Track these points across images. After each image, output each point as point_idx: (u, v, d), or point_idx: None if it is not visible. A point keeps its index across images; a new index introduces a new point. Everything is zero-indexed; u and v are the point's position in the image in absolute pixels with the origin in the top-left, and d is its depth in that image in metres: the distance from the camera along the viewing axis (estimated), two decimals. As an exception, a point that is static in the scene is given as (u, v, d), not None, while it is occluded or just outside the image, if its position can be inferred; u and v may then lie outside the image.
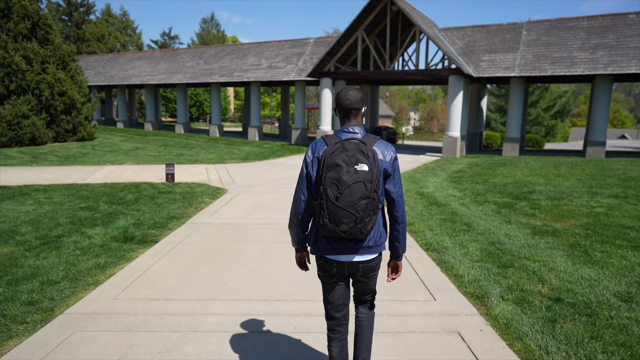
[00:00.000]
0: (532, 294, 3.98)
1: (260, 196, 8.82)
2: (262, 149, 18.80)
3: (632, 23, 16.16)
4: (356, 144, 2.15)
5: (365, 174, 2.07)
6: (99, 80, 30.01)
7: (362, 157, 2.10)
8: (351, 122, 2.30)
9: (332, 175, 2.09)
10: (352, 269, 2.30)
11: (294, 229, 2.35)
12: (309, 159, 2.28)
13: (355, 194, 2.06)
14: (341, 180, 2.06)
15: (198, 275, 4.51)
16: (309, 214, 2.31)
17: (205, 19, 62.06)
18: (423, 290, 4.20)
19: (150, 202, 7.94)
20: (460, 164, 14.40)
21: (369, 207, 2.08)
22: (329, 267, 2.31)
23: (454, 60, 16.34)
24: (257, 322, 3.50)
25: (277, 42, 24.79)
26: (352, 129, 2.26)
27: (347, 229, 2.08)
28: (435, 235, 5.94)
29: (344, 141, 2.18)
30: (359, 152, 2.12)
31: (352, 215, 2.06)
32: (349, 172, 2.07)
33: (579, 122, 75.07)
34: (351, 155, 2.10)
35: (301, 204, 2.29)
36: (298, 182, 2.33)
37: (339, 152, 2.13)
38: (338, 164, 2.09)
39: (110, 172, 11.77)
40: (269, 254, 5.22)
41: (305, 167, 2.29)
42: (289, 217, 2.38)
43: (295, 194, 2.33)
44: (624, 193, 8.47)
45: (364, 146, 2.15)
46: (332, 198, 2.07)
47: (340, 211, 2.06)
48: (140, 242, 5.59)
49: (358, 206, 2.06)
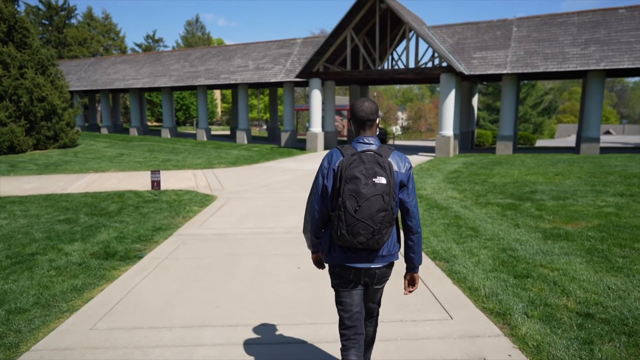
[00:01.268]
0: (558, 308, 3.61)
1: (251, 202, 8.38)
2: (251, 153, 18.32)
3: (623, 18, 16.05)
4: (373, 155, 2.17)
5: (383, 187, 2.10)
6: (81, 85, 29.21)
7: (380, 170, 2.12)
8: (366, 133, 2.32)
9: (351, 187, 2.10)
10: (369, 276, 2.31)
11: (309, 234, 2.41)
12: (325, 170, 2.29)
13: (374, 206, 2.08)
14: (360, 193, 2.08)
15: (187, 296, 4.06)
16: (322, 222, 2.35)
17: (190, 22, 61.23)
18: (437, 307, 3.81)
19: (135, 213, 7.45)
20: (455, 163, 14.11)
21: (386, 219, 2.12)
22: (346, 274, 2.31)
23: (445, 58, 16.06)
24: (256, 352, 3.07)
25: (264, 43, 24.32)
26: (368, 140, 2.29)
27: (364, 240, 2.12)
28: (441, 242, 5.56)
29: (360, 153, 2.19)
30: (376, 165, 2.13)
31: (369, 227, 2.10)
32: (367, 185, 2.09)
33: (564, 119, 75.90)
34: (369, 168, 2.12)
35: (315, 213, 2.32)
36: (312, 191, 2.34)
37: (356, 165, 2.14)
38: (356, 176, 2.10)
39: (93, 180, 11.21)
40: (265, 268, 4.79)
41: (321, 178, 2.30)
42: (303, 223, 2.43)
43: (309, 202, 2.36)
44: (629, 191, 8.21)
45: (381, 158, 2.16)
46: (350, 210, 2.09)
47: (358, 223, 2.09)
48: (122, 258, 5.11)
49: (376, 218, 2.09)
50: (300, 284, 4.36)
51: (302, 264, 4.90)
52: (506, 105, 17.24)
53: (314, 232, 2.37)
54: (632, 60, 14.72)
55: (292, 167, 13.88)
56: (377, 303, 2.50)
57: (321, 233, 2.40)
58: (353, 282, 2.32)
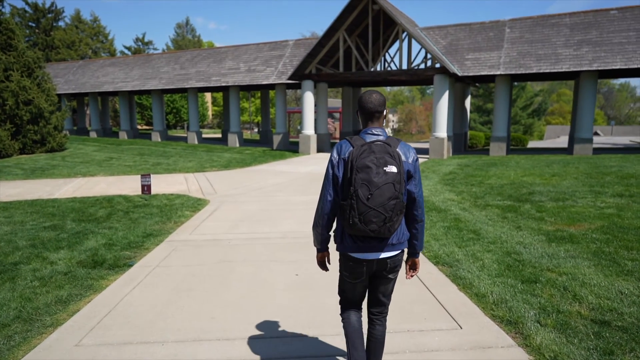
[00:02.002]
0: (572, 315, 3.45)
1: (245, 206, 8.15)
2: (243, 156, 18.07)
3: (614, 19, 16.11)
4: (383, 145, 2.20)
5: (394, 175, 2.15)
6: (69, 88, 28.73)
7: (390, 159, 2.17)
8: (374, 125, 2.36)
9: (363, 176, 2.14)
10: (380, 266, 2.35)
11: (319, 229, 2.40)
12: (335, 160, 2.32)
13: (385, 194, 2.13)
14: (372, 181, 2.13)
15: (180, 307, 3.83)
16: (334, 213, 2.37)
17: (180, 24, 60.77)
18: (444, 315, 3.63)
19: (124, 218, 7.18)
20: (450, 165, 14.00)
21: (397, 207, 2.17)
22: (358, 268, 2.35)
23: (438, 59, 15.98)
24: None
25: (255, 45, 24.11)
26: (376, 131, 2.32)
27: (376, 228, 2.16)
28: (443, 246, 5.39)
29: (370, 143, 2.22)
30: (386, 154, 2.17)
31: (381, 215, 2.14)
32: (378, 174, 2.13)
33: (553, 120, 76.64)
34: (380, 157, 2.16)
35: (327, 204, 2.33)
36: (324, 183, 2.36)
37: (367, 154, 2.17)
38: (368, 165, 2.14)
39: (81, 185, 10.89)
40: (261, 275, 4.57)
41: (331, 168, 2.32)
42: (314, 218, 2.42)
43: (322, 194, 2.37)
44: (628, 192, 8.12)
45: (390, 148, 2.20)
46: (363, 199, 2.13)
47: (370, 211, 2.13)
48: (111, 266, 4.86)
49: (387, 206, 2.14)
50: (300, 292, 4.15)
51: (300, 271, 4.69)
52: (500, 107, 17.21)
53: (325, 225, 2.37)
54: (625, 61, 14.76)
55: (285, 170, 13.67)
56: (387, 296, 2.50)
57: (332, 226, 2.41)
58: (364, 275, 2.37)
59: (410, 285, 4.27)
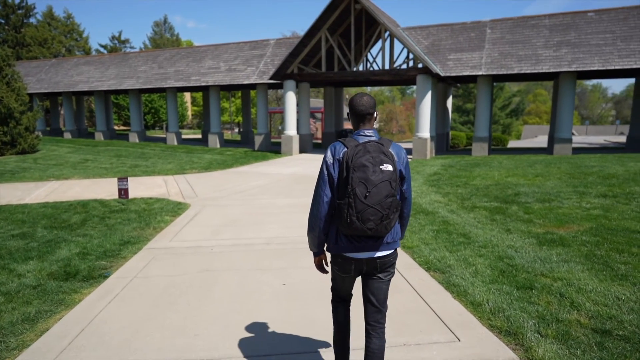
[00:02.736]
0: (571, 324, 3.34)
1: (228, 210, 7.88)
2: (224, 157, 17.71)
3: (592, 21, 16.38)
4: (377, 145, 2.25)
5: (390, 173, 2.19)
6: (42, 87, 27.75)
7: (385, 158, 2.21)
8: (365, 126, 2.40)
9: (359, 175, 2.17)
10: (370, 266, 2.37)
11: (316, 232, 2.38)
12: (330, 160, 2.34)
13: (382, 192, 2.16)
14: (369, 179, 2.16)
15: (160, 322, 3.57)
16: (330, 214, 2.36)
17: (157, 22, 59.53)
18: (440, 326, 3.47)
19: (100, 224, 6.83)
20: (434, 165, 13.97)
21: (394, 205, 2.21)
22: (347, 266, 2.38)
23: (421, 59, 15.95)
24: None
25: (235, 44, 23.71)
26: (368, 133, 2.37)
27: (373, 226, 2.18)
28: (433, 251, 5.25)
29: (364, 143, 2.26)
30: (381, 154, 2.22)
31: (379, 213, 2.17)
32: (375, 172, 2.17)
33: (530, 120, 78.20)
34: (375, 156, 2.20)
35: (324, 205, 2.33)
36: (319, 184, 2.36)
37: (362, 154, 2.21)
38: (364, 164, 2.18)
39: (54, 188, 10.41)
40: (248, 286, 4.34)
41: (326, 169, 2.34)
42: (309, 221, 2.41)
43: (317, 195, 2.36)
44: (611, 192, 8.17)
45: (384, 147, 2.26)
46: (360, 197, 2.15)
47: (368, 209, 2.16)
48: (85, 278, 4.56)
49: (384, 204, 2.17)
50: (289, 303, 3.94)
51: (288, 280, 4.48)
52: (481, 107, 17.30)
53: (322, 226, 2.36)
54: (602, 62, 15.00)
55: (268, 172, 13.41)
56: (381, 302, 2.45)
57: (328, 228, 2.39)
58: (353, 271, 2.40)
59: (403, 293, 4.10)
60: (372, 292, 2.43)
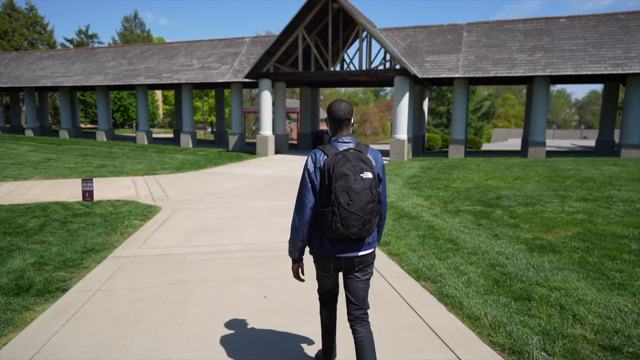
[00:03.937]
0: (578, 340, 3.12)
1: (201, 214, 7.43)
2: (197, 157, 17.10)
3: (564, 27, 16.68)
4: (356, 153, 2.32)
5: (370, 180, 2.28)
6: (1, 82, 26.27)
7: (365, 166, 2.30)
8: (343, 132, 2.48)
9: (342, 184, 2.24)
10: (349, 264, 2.45)
11: (300, 237, 2.42)
12: (311, 168, 2.39)
13: (364, 199, 2.25)
14: (351, 188, 2.24)
15: (125, 346, 3.15)
16: (313, 219, 2.41)
17: (127, 18, 57.57)
18: (438, 344, 3.19)
19: (61, 230, 6.27)
20: (412, 167, 13.84)
21: (375, 209, 2.31)
22: (326, 264, 2.47)
23: (399, 61, 15.84)
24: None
25: (209, 42, 23.06)
26: (346, 139, 2.44)
27: (356, 231, 2.28)
28: (422, 259, 5.00)
29: (344, 152, 2.33)
30: (361, 162, 2.30)
31: (361, 218, 2.26)
32: (356, 181, 2.24)
33: (499, 124, 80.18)
34: (356, 165, 2.28)
35: (308, 211, 2.39)
36: (302, 191, 2.41)
37: (343, 162, 2.28)
38: (346, 173, 2.25)
39: (11, 190, 9.66)
40: (224, 299, 3.96)
41: (308, 176, 2.39)
42: (292, 228, 2.45)
43: (300, 202, 2.40)
44: (591, 196, 8.16)
45: (362, 155, 2.34)
46: (344, 205, 2.23)
47: (352, 216, 2.24)
48: (40, 292, 4.06)
49: (366, 209, 2.26)
50: (271, 318, 3.58)
51: (269, 292, 4.12)
52: (458, 110, 17.35)
53: (306, 233, 2.41)
54: (575, 68, 15.27)
55: (243, 173, 12.95)
56: (360, 301, 2.49)
57: (310, 234, 2.45)
58: (333, 269, 2.48)
59: (394, 305, 3.81)
60: (351, 292, 2.49)
